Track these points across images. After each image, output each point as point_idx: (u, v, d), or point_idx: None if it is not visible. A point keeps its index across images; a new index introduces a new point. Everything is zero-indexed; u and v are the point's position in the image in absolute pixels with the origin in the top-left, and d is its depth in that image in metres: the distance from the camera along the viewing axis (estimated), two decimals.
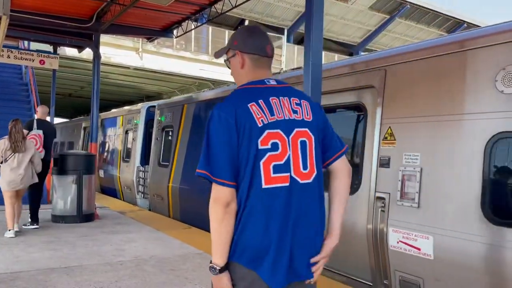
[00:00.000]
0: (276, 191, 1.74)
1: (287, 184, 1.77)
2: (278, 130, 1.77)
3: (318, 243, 1.88)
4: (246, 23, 21.66)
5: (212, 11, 8.77)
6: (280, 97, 1.84)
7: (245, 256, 1.73)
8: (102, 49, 9.45)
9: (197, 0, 8.35)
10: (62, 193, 7.56)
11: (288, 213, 1.76)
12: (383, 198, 4.25)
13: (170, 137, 9.24)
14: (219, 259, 1.73)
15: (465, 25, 26.04)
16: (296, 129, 1.82)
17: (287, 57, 22.21)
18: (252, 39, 1.94)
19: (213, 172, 1.70)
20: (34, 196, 7.00)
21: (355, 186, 4.54)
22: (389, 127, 4.32)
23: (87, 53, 13.91)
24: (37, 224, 6.92)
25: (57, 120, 26.57)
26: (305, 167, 1.82)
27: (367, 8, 24.24)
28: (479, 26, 4.49)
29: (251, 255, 1.73)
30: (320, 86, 3.93)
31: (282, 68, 21.51)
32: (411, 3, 24.25)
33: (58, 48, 11.57)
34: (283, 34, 22.74)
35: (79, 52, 12.12)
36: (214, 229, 1.73)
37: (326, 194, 1.96)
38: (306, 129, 1.85)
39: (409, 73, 4.24)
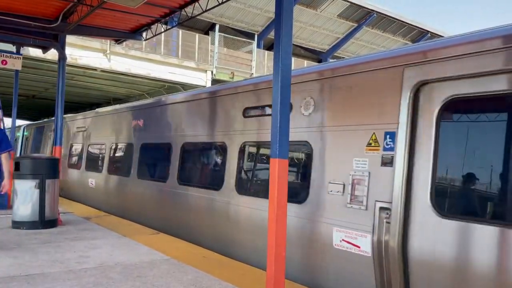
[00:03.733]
0: None
1: None
2: None
3: None
4: (217, 27, 21.63)
5: (182, 15, 8.71)
6: None
7: None
8: (68, 50, 9.25)
9: (167, 3, 8.27)
10: (24, 198, 7.30)
11: None
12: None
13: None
14: None
15: (429, 34, 26.97)
16: None
17: (257, 62, 22.32)
18: None
19: None
20: None
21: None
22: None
23: (52, 54, 13.49)
24: None
25: (19, 122, 25.69)
26: None
27: (336, 16, 24.73)
28: (442, 36, 4.68)
29: None
30: (289, 90, 3.97)
31: (252, 73, 21.60)
32: (378, 12, 24.92)
33: (21, 48, 11.20)
34: (253, 39, 22.86)
35: (44, 52, 11.75)
36: None
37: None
38: None
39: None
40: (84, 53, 17.25)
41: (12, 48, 10.94)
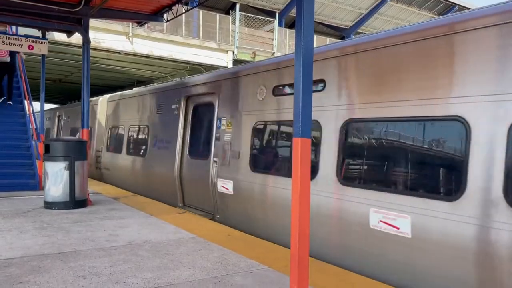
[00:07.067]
0: None
1: None
2: None
3: None
4: (237, 6, 21.41)
5: None
6: None
7: None
8: (92, 34, 9.35)
9: None
10: (54, 180, 7.55)
11: None
12: None
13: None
14: None
15: (456, 7, 26.00)
16: None
17: (279, 41, 22.06)
18: None
19: None
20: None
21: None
22: None
23: (76, 38, 13.70)
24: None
25: (47, 106, 26.29)
26: None
27: None
28: (469, 9, 4.50)
29: None
30: (311, 69, 3.93)
31: (274, 52, 21.38)
32: None
33: (46, 33, 11.39)
34: (274, 17, 22.54)
35: (68, 37, 11.95)
36: None
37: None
38: None
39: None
40: (107, 36, 17.41)
41: (38, 33, 11.15)
